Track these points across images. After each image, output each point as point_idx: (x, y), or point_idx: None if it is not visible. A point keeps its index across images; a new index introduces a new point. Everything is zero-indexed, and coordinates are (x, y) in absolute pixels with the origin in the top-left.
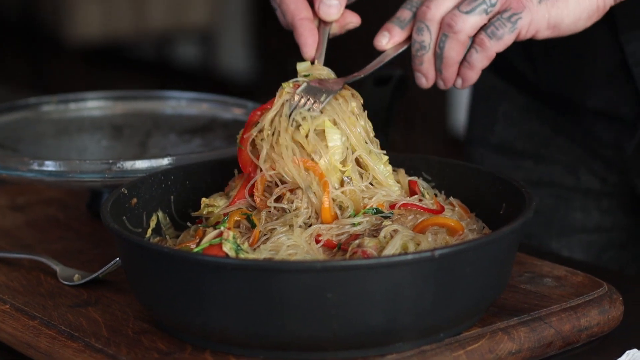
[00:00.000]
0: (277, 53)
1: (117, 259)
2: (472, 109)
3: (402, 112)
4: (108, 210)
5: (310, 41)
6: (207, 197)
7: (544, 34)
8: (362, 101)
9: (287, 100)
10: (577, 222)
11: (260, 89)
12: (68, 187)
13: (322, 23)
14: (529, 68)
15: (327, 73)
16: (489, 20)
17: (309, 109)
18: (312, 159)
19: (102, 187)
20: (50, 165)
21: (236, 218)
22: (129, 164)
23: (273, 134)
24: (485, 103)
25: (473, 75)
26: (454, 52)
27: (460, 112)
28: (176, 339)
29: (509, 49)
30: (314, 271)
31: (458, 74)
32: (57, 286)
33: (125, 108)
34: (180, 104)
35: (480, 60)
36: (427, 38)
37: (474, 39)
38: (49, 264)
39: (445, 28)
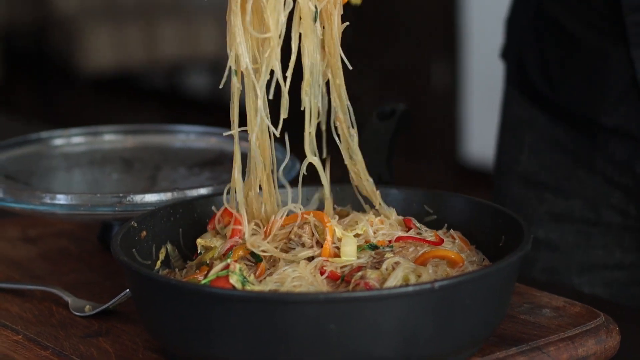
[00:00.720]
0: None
1: (127, 290)
2: (499, 140)
3: (412, 142)
4: (118, 243)
5: None
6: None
7: None
8: None
9: None
10: (598, 259)
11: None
12: (80, 219)
13: None
14: (547, 85)
15: None
16: None
17: None
18: None
19: (112, 220)
20: (62, 199)
21: (240, 253)
22: (138, 198)
23: None
24: (511, 134)
25: None
26: None
27: (471, 141)
28: None
29: (528, 64)
30: (317, 303)
31: None
32: (69, 317)
33: (136, 142)
34: (189, 137)
35: None
36: None
37: None
38: (60, 295)
39: None
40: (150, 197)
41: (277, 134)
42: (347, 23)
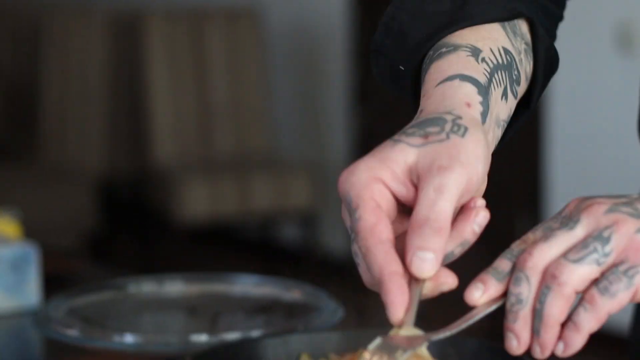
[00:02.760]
0: None
1: None
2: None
3: None
4: None
5: (399, 300)
6: None
7: None
8: None
9: None
10: None
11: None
12: (146, 356)
13: (413, 280)
14: None
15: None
16: (602, 273)
17: None
18: None
19: (175, 357)
20: (129, 337)
21: None
22: (195, 337)
23: None
24: None
25: (579, 339)
26: (556, 308)
27: None
28: None
29: None
30: None
31: (560, 337)
32: None
33: (199, 289)
34: (247, 286)
35: (589, 320)
36: (526, 290)
37: (582, 295)
38: None
39: (548, 279)
40: (205, 337)
41: None
42: None
